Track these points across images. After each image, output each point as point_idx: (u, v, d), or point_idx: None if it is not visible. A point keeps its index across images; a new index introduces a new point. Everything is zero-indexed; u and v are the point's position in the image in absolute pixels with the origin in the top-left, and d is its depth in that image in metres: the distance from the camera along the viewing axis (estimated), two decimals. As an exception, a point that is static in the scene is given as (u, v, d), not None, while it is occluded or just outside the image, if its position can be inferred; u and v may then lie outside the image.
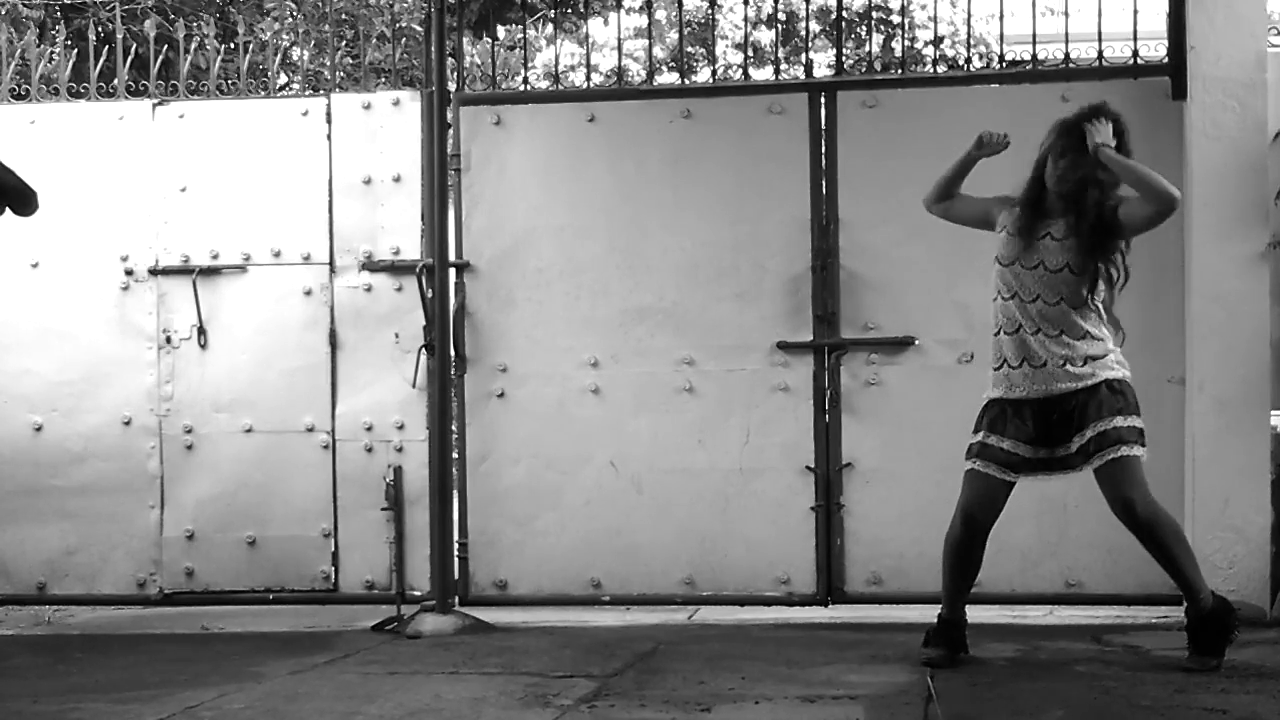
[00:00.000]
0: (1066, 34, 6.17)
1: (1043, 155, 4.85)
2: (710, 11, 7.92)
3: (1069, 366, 4.70)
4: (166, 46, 7.24)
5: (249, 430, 6.43)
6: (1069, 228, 4.74)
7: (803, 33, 9.18)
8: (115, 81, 6.61)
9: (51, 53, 7.61)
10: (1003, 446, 4.80)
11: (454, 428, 6.28)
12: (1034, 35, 6.29)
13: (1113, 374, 4.73)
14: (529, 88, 6.70)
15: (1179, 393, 5.86)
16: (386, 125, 6.40)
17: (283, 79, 9.12)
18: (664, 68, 13.59)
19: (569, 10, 10.80)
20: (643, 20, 12.90)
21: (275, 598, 6.42)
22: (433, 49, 6.16)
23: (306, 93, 7.08)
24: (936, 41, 7.36)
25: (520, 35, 8.21)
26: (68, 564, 6.53)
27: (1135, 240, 5.92)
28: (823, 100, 6.20)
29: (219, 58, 6.73)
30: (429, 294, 6.15)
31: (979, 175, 5.14)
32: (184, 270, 6.47)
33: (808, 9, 6.73)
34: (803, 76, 6.90)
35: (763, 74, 11.17)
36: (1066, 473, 4.84)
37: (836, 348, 6.11)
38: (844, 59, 6.55)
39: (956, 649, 4.85)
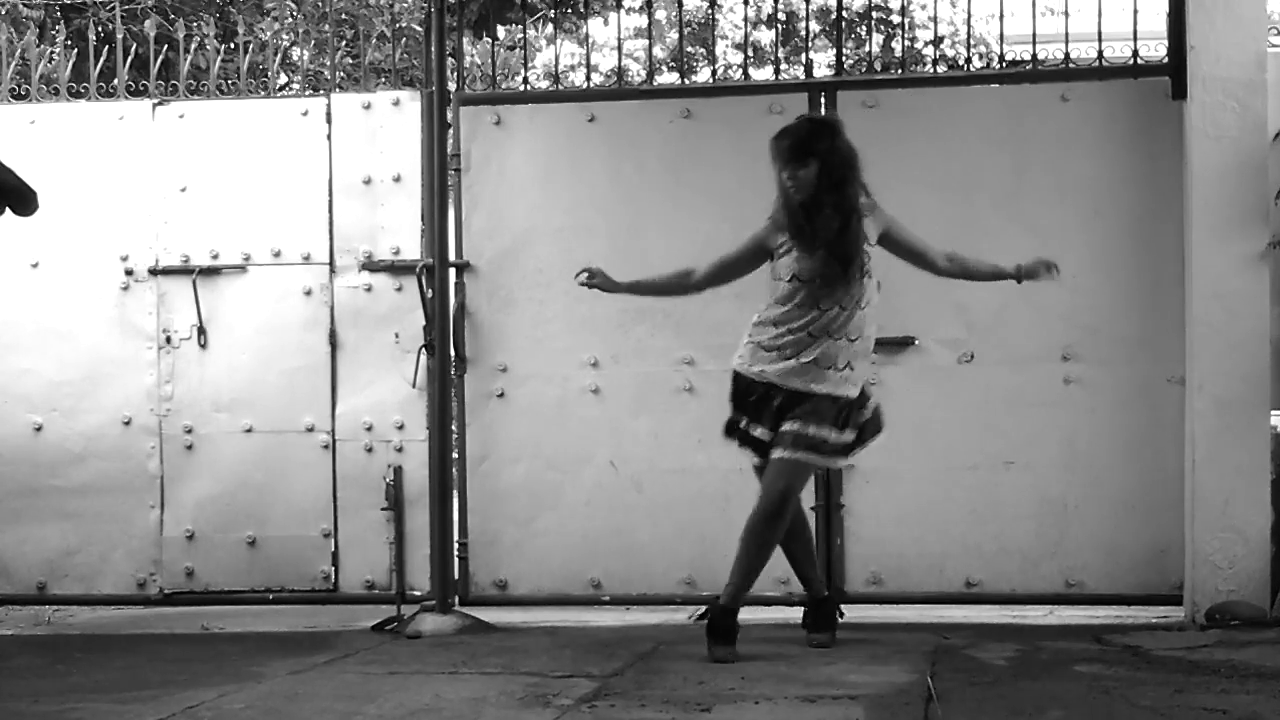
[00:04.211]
0: (1066, 34, 6.16)
1: (778, 171, 5.04)
2: (710, 11, 7.92)
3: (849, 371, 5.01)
4: (166, 46, 7.24)
5: (249, 430, 6.43)
6: (819, 236, 4.95)
7: (803, 33, 9.18)
8: (115, 81, 6.61)
9: (51, 53, 7.62)
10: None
11: (454, 428, 6.28)
12: (1034, 35, 6.29)
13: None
14: (529, 88, 6.70)
15: (1179, 393, 5.86)
16: (386, 125, 6.40)
17: (283, 79, 9.11)
18: (664, 68, 13.60)
19: (569, 10, 10.80)
20: (643, 20, 12.90)
21: (275, 598, 6.42)
22: (433, 49, 6.15)
23: (306, 93, 7.08)
24: (936, 41, 7.36)
25: (520, 35, 8.21)
26: (68, 564, 6.54)
27: (1136, 240, 5.98)
28: (823, 100, 6.20)
29: (219, 58, 6.73)
30: (429, 294, 6.15)
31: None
32: (184, 270, 6.47)
33: (808, 9, 6.73)
34: (803, 76, 6.91)
35: (763, 74, 11.18)
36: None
37: (836, 348, 6.11)
38: (844, 59, 6.56)
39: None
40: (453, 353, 6.24)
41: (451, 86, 6.41)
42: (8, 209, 5.14)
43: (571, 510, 6.29)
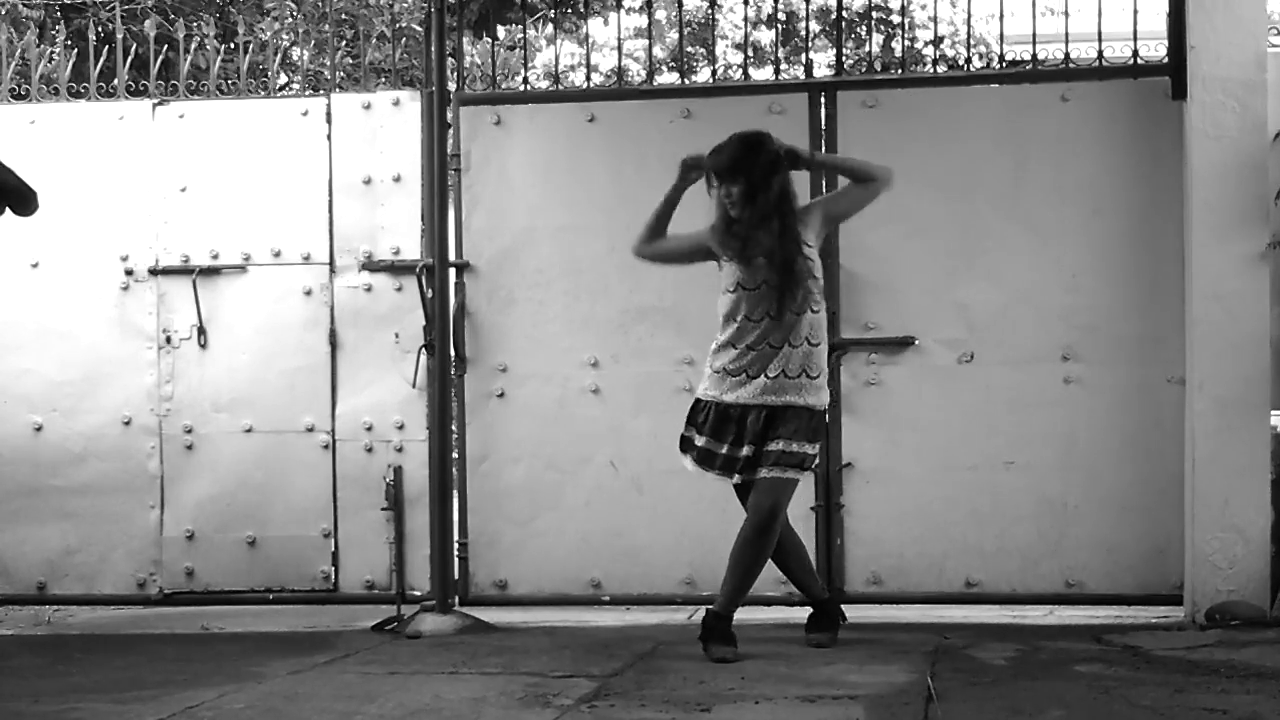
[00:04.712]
0: (1066, 34, 6.16)
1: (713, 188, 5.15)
2: (710, 11, 7.92)
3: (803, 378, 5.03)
4: (166, 46, 7.24)
5: (249, 430, 6.43)
6: (769, 249, 5.01)
7: (803, 33, 9.18)
8: (115, 81, 6.61)
9: (51, 53, 7.61)
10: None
11: (454, 428, 6.28)
12: (1034, 35, 6.29)
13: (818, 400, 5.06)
14: (529, 88, 6.70)
15: (1179, 393, 5.86)
16: (386, 125, 6.40)
17: (283, 79, 9.11)
18: (664, 68, 13.60)
19: (569, 10, 10.80)
20: (643, 20, 12.90)
21: (275, 598, 6.42)
22: (433, 49, 6.15)
23: (306, 93, 7.07)
24: (936, 41, 7.36)
25: (520, 35, 8.21)
26: (68, 564, 6.54)
27: (1136, 239, 5.98)
28: (823, 100, 6.20)
29: (219, 58, 6.73)
30: (429, 294, 6.15)
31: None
32: (184, 270, 6.47)
33: (808, 9, 6.73)
34: (803, 76, 6.90)
35: (763, 74, 11.18)
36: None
37: (836, 348, 6.10)
38: (844, 59, 6.56)
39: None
40: (453, 353, 6.24)
41: (451, 86, 6.41)
42: (8, 209, 5.14)
43: (571, 510, 6.29)
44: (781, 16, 12.25)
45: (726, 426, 5.07)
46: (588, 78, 6.74)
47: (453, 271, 6.22)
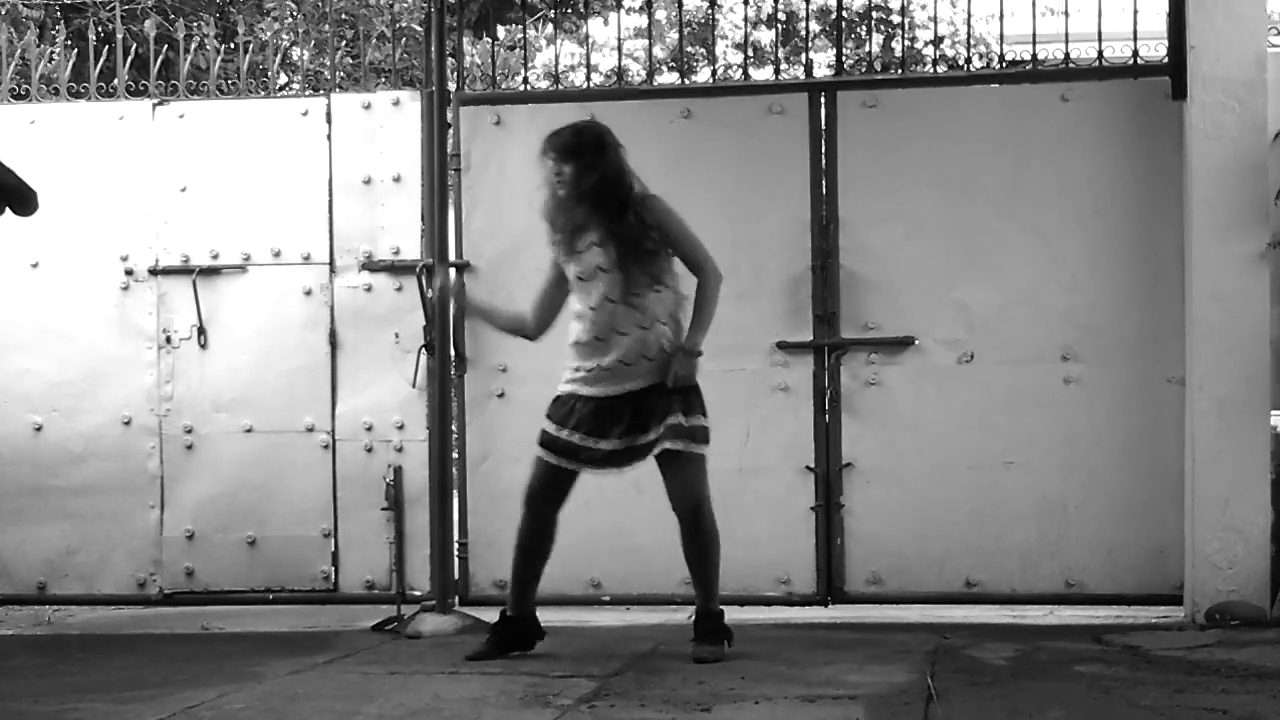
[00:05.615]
0: (1066, 34, 6.17)
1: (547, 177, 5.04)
2: (710, 11, 7.92)
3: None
4: (166, 46, 7.24)
5: (249, 430, 6.43)
6: (603, 232, 4.95)
7: (803, 33, 9.18)
8: (115, 81, 6.61)
9: (51, 53, 7.62)
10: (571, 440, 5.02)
11: (454, 428, 6.28)
12: (1034, 35, 6.29)
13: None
14: (529, 88, 6.70)
15: (1179, 393, 5.86)
16: (386, 125, 6.39)
17: (283, 79, 9.12)
18: (664, 68, 13.60)
19: (569, 10, 10.81)
20: (643, 20, 12.90)
21: (275, 598, 6.42)
22: (433, 49, 6.16)
23: (306, 93, 7.07)
24: (936, 41, 7.37)
25: (520, 35, 8.21)
26: (68, 564, 6.53)
27: (1136, 240, 5.98)
28: (823, 100, 6.20)
29: (219, 58, 6.73)
30: (429, 294, 6.15)
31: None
32: (184, 270, 6.47)
33: (808, 9, 6.74)
34: (803, 76, 6.91)
35: (763, 74, 11.18)
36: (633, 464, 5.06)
37: (836, 348, 6.11)
38: (844, 59, 6.56)
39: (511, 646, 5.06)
40: (453, 353, 6.24)
41: (451, 86, 6.41)
42: (8, 209, 5.14)
43: (571, 510, 6.25)
44: (781, 16, 12.25)
45: (585, 419, 5.02)
46: (588, 78, 6.74)
47: (453, 271, 6.22)
